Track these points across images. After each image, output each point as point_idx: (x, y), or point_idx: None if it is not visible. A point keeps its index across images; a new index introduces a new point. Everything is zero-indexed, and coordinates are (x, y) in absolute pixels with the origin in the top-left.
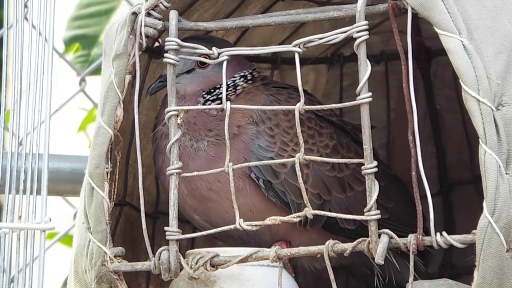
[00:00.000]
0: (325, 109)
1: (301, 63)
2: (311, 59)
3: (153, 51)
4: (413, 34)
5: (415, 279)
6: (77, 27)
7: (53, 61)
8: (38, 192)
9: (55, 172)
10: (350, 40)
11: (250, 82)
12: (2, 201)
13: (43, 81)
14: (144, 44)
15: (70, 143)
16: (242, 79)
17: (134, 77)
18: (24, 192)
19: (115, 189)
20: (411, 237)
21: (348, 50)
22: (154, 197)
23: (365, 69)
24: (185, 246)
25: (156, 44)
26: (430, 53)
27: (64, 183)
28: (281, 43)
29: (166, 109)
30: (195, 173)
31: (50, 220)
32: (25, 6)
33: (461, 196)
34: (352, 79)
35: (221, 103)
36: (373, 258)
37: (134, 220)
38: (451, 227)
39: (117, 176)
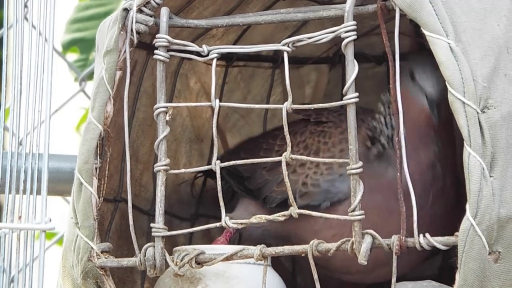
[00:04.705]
0: (312, 108)
1: (302, 63)
2: (312, 59)
3: (151, 48)
4: (414, 35)
5: None
6: (76, 30)
7: (53, 61)
8: (38, 192)
9: (55, 172)
10: None
11: None
12: (2, 201)
13: (43, 81)
14: (136, 41)
15: (70, 143)
16: None
17: (132, 74)
18: (24, 192)
19: (105, 185)
20: (394, 238)
21: None
22: (151, 194)
23: (352, 69)
24: (182, 243)
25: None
26: None
27: (64, 183)
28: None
29: (155, 106)
30: (182, 170)
31: (50, 220)
32: (25, 6)
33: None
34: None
35: None
36: None
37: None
38: None
39: (112, 173)
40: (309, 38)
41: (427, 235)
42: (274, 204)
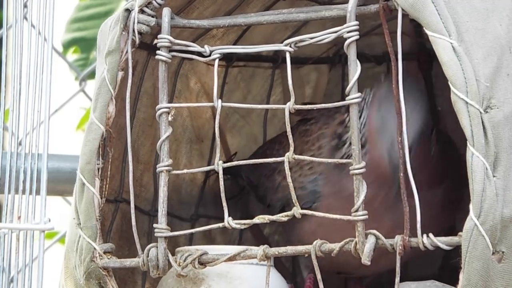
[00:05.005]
0: (315, 109)
1: (302, 63)
2: (312, 59)
3: (152, 48)
4: (414, 35)
5: None
6: (76, 29)
7: (52, 61)
8: (38, 192)
9: (55, 172)
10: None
11: None
12: (2, 201)
13: (43, 81)
14: (137, 41)
15: (70, 143)
16: None
17: (132, 74)
18: (24, 192)
19: (107, 186)
20: (397, 238)
21: None
22: (152, 195)
23: (354, 70)
24: (183, 244)
25: (156, 41)
26: (432, 54)
27: (64, 183)
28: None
29: (157, 106)
30: (184, 170)
31: (50, 220)
32: (25, 6)
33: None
34: None
35: None
36: None
37: (131, 217)
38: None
39: (113, 173)
40: (312, 38)
41: (430, 235)
42: (276, 210)
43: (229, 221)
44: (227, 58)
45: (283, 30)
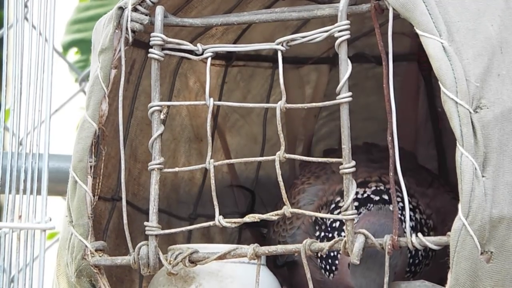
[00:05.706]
0: (305, 107)
1: (302, 63)
2: (312, 59)
3: (150, 47)
4: (414, 36)
5: None
6: (76, 31)
7: (53, 61)
8: (38, 192)
9: (55, 172)
10: (352, 40)
11: None
12: (2, 201)
13: (43, 81)
14: (130, 39)
15: (70, 143)
16: None
17: (130, 73)
18: (24, 192)
19: (100, 184)
20: (387, 237)
21: (350, 51)
22: None
23: (345, 69)
24: (181, 243)
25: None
26: None
27: (64, 183)
28: None
29: (149, 105)
30: (176, 169)
31: (51, 220)
32: (26, 6)
33: None
34: (354, 80)
35: None
36: None
37: (128, 215)
38: None
39: (110, 172)
40: (303, 37)
41: (419, 234)
42: (281, 263)
43: (219, 220)
44: (226, 58)
45: (283, 30)
